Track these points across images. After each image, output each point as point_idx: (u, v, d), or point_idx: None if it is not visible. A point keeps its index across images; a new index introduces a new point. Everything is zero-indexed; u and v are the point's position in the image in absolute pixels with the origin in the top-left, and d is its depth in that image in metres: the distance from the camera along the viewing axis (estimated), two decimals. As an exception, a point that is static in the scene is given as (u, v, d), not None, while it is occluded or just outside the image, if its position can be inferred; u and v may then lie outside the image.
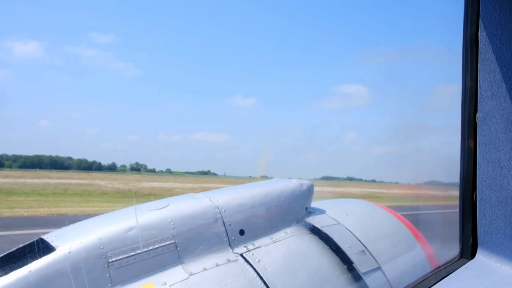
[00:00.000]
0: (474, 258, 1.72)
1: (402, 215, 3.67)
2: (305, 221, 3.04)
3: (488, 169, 1.64)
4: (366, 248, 2.99)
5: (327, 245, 2.86)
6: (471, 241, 1.74)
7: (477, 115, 1.66)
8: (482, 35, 1.60)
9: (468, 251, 1.75)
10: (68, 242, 2.17)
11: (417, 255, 3.32)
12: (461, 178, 1.77)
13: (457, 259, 1.78)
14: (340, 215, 3.25)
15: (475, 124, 1.68)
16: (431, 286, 1.55)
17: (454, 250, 1.82)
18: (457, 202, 1.83)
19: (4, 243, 10.83)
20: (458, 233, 1.80)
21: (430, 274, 1.70)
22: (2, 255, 2.20)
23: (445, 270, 1.69)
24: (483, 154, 1.65)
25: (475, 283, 1.51)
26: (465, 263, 1.70)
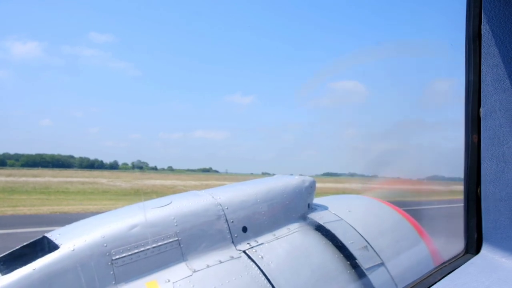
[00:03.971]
0: (479, 254, 1.71)
1: (405, 210, 3.67)
2: (307, 218, 3.03)
3: (492, 164, 1.63)
4: (369, 243, 2.98)
5: (330, 241, 2.85)
6: (475, 236, 1.74)
7: (481, 109, 1.65)
8: (485, 29, 1.59)
9: (473, 246, 1.75)
10: (71, 240, 2.17)
11: (420, 251, 3.32)
12: (465, 173, 1.76)
13: (462, 254, 1.78)
14: (342, 211, 3.25)
15: (479, 118, 1.67)
16: (436, 282, 1.54)
17: (458, 245, 1.82)
18: (460, 197, 1.83)
19: (8, 241, 10.87)
20: (463, 228, 1.80)
21: (435, 270, 1.70)
22: (6, 253, 2.21)
23: (450, 265, 1.68)
24: (487, 148, 1.65)
25: (481, 278, 1.50)
26: (470, 259, 1.70)
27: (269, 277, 2.44)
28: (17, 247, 2.24)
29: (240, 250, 2.56)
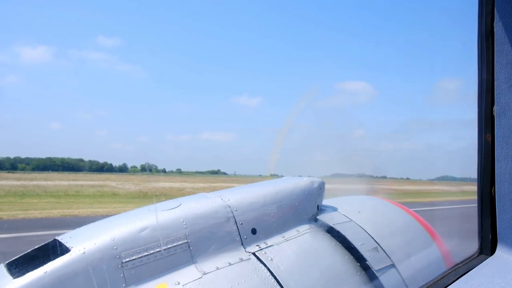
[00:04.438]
0: (494, 254, 1.68)
1: (415, 211, 3.63)
2: (317, 219, 3.02)
3: (506, 163, 1.61)
4: (379, 245, 2.95)
5: (340, 243, 2.83)
6: (490, 237, 1.70)
7: (494, 108, 1.63)
8: (498, 26, 1.56)
9: (487, 247, 1.72)
10: (82, 243, 2.18)
11: (431, 252, 3.28)
12: (479, 173, 1.73)
13: (476, 255, 1.75)
14: (352, 212, 3.22)
15: (492, 117, 1.64)
16: (451, 284, 1.52)
17: (471, 246, 1.79)
18: (472, 197, 1.80)
19: (19, 245, 11.00)
20: (477, 229, 1.77)
21: (449, 271, 1.67)
22: (18, 256, 2.23)
23: (464, 266, 1.66)
24: (501, 147, 1.62)
25: (496, 280, 1.47)
26: (484, 260, 1.67)
27: (278, 279, 2.42)
28: (28, 250, 2.26)
29: (250, 252, 2.55)
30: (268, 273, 2.44)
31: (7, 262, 2.22)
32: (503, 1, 1.53)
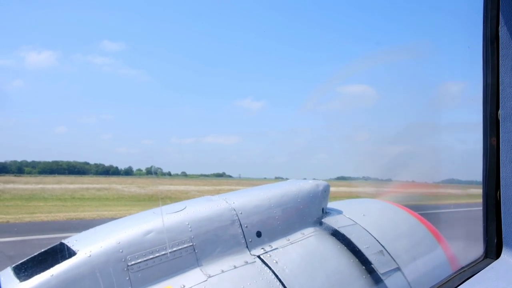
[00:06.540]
0: (499, 258, 1.68)
1: (421, 214, 3.61)
2: (322, 222, 3.01)
3: None
4: (384, 248, 2.94)
5: (345, 246, 2.83)
6: (495, 241, 1.70)
7: (499, 112, 1.63)
8: (503, 31, 1.56)
9: (492, 251, 1.71)
10: (88, 246, 2.20)
11: (437, 256, 3.26)
12: (484, 177, 1.73)
13: (481, 259, 1.74)
14: (357, 215, 3.22)
15: (497, 121, 1.64)
16: (456, 287, 1.51)
17: (477, 250, 1.78)
18: (478, 200, 1.80)
19: (26, 248, 11.06)
20: (482, 233, 1.76)
21: (454, 275, 1.67)
22: (25, 259, 2.25)
23: (469, 270, 1.65)
24: (506, 151, 1.61)
25: (501, 284, 1.47)
26: (490, 263, 1.66)
27: (284, 282, 2.42)
28: (35, 254, 2.28)
29: (255, 255, 2.56)
30: (273, 276, 2.44)
31: (13, 265, 2.24)
32: (508, 6, 1.53)
